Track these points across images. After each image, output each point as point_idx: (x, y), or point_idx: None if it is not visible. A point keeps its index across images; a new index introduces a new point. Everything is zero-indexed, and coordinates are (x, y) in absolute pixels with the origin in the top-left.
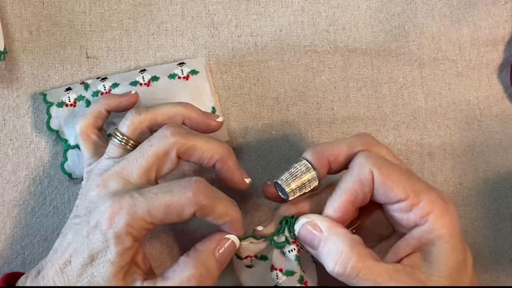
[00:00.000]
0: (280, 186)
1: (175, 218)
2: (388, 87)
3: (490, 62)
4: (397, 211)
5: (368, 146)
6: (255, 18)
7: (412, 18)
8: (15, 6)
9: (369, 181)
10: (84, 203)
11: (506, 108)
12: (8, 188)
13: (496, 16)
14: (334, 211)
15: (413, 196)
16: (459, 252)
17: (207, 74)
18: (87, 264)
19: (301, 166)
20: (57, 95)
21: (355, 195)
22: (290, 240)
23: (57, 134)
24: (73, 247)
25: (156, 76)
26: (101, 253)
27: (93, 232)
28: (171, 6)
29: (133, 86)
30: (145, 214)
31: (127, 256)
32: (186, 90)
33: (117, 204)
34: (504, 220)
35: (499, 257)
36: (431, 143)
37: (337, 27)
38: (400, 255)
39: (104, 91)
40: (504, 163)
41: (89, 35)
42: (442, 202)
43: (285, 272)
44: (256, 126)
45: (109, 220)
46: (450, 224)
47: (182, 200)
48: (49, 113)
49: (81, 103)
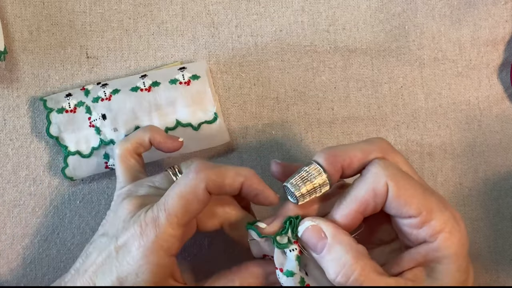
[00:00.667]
0: (290, 190)
1: (195, 205)
2: (388, 87)
3: (490, 62)
4: (407, 226)
5: (384, 153)
6: (255, 18)
7: (412, 18)
8: (15, 6)
9: (383, 193)
10: (114, 221)
11: (506, 108)
12: (8, 188)
13: (496, 16)
14: (341, 218)
15: (426, 214)
16: (463, 271)
17: (208, 79)
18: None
19: (312, 170)
20: (57, 101)
21: (365, 205)
22: (292, 240)
23: (57, 141)
24: (98, 268)
25: (157, 82)
26: (131, 276)
27: (122, 253)
28: (171, 6)
29: (133, 92)
30: (167, 218)
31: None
32: (187, 96)
33: (144, 222)
34: (504, 220)
35: (499, 257)
36: (431, 143)
37: (337, 27)
38: (403, 267)
39: (105, 97)
40: (504, 163)
41: (89, 35)
42: (454, 222)
43: (285, 272)
44: (256, 126)
45: (137, 240)
46: (459, 244)
47: (189, 183)
48: (49, 119)
49: (81, 109)
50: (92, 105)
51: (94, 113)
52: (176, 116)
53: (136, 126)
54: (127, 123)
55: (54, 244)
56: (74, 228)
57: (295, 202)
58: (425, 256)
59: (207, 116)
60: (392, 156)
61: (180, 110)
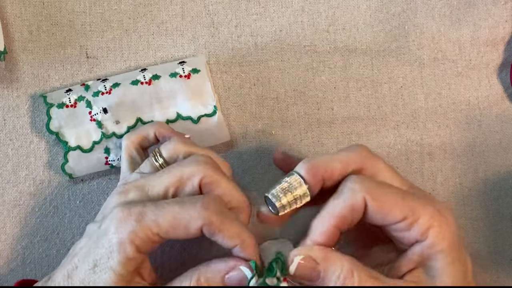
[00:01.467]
0: (271, 201)
1: (182, 231)
2: (388, 87)
3: (490, 62)
4: (396, 231)
5: (364, 162)
6: (255, 18)
7: (412, 18)
8: (15, 6)
9: (362, 208)
10: (103, 209)
11: (506, 108)
12: (8, 188)
13: (496, 16)
14: (321, 237)
15: (411, 215)
16: (460, 263)
17: (207, 73)
18: (91, 269)
19: (293, 181)
20: (57, 97)
21: (343, 220)
22: (282, 278)
23: (57, 136)
24: (83, 252)
25: (157, 75)
26: (104, 259)
27: (101, 238)
28: (171, 6)
29: (134, 85)
30: (151, 223)
31: (129, 265)
32: (188, 89)
33: (127, 211)
34: (504, 220)
35: (499, 257)
36: (431, 143)
37: (337, 27)
38: (402, 271)
39: (105, 91)
40: (504, 163)
41: (89, 35)
42: (439, 216)
43: None
44: (256, 126)
45: (116, 226)
46: (449, 236)
47: (190, 212)
48: (49, 115)
49: (82, 103)
50: (93, 99)
51: (95, 107)
52: (177, 109)
53: (138, 118)
54: (128, 115)
55: (54, 244)
56: (74, 228)
57: (275, 213)
58: (420, 255)
59: (206, 109)
60: (372, 162)
61: (180, 103)
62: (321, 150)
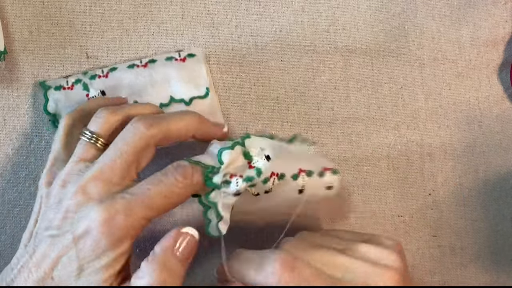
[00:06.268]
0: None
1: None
2: (388, 87)
3: (490, 62)
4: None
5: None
6: (255, 18)
7: (412, 18)
8: (15, 6)
9: None
10: (58, 214)
11: (506, 108)
12: (8, 188)
13: (496, 16)
14: None
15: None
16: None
17: (203, 58)
18: (76, 276)
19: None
20: (56, 81)
21: None
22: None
23: (54, 118)
24: (51, 261)
25: (154, 59)
26: (93, 261)
27: (82, 242)
28: (171, 6)
29: (130, 68)
30: (144, 211)
31: (123, 259)
32: (182, 72)
33: (111, 208)
34: (504, 221)
35: (499, 257)
36: (431, 144)
37: (337, 27)
38: None
39: (102, 74)
40: (505, 163)
41: (89, 35)
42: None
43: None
44: (256, 126)
45: (103, 226)
46: None
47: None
48: (46, 97)
49: (78, 86)
50: (90, 82)
51: (92, 90)
52: (171, 92)
53: (134, 101)
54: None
55: None
56: None
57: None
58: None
59: (199, 91)
60: None
61: (174, 85)
62: (321, 150)
